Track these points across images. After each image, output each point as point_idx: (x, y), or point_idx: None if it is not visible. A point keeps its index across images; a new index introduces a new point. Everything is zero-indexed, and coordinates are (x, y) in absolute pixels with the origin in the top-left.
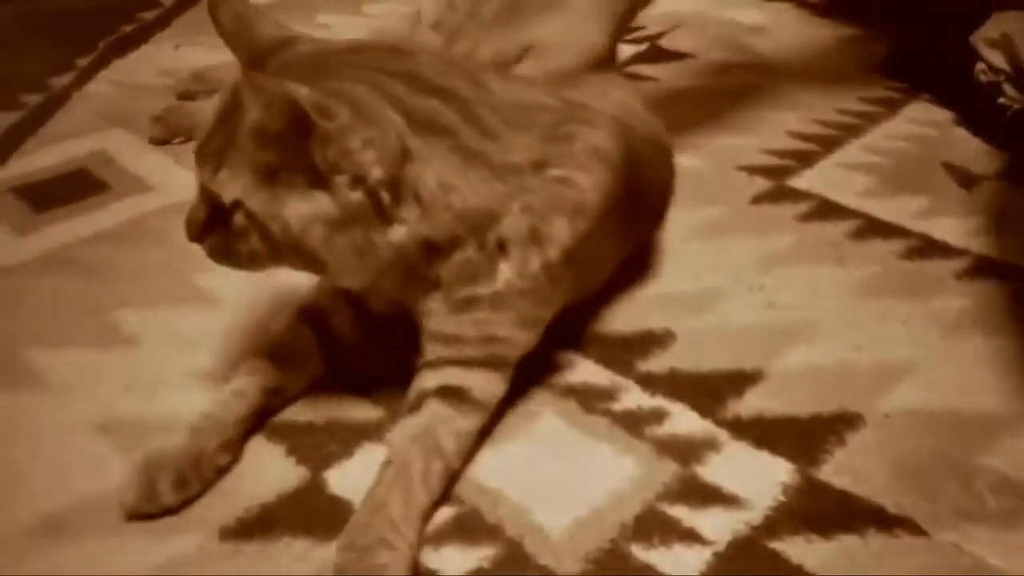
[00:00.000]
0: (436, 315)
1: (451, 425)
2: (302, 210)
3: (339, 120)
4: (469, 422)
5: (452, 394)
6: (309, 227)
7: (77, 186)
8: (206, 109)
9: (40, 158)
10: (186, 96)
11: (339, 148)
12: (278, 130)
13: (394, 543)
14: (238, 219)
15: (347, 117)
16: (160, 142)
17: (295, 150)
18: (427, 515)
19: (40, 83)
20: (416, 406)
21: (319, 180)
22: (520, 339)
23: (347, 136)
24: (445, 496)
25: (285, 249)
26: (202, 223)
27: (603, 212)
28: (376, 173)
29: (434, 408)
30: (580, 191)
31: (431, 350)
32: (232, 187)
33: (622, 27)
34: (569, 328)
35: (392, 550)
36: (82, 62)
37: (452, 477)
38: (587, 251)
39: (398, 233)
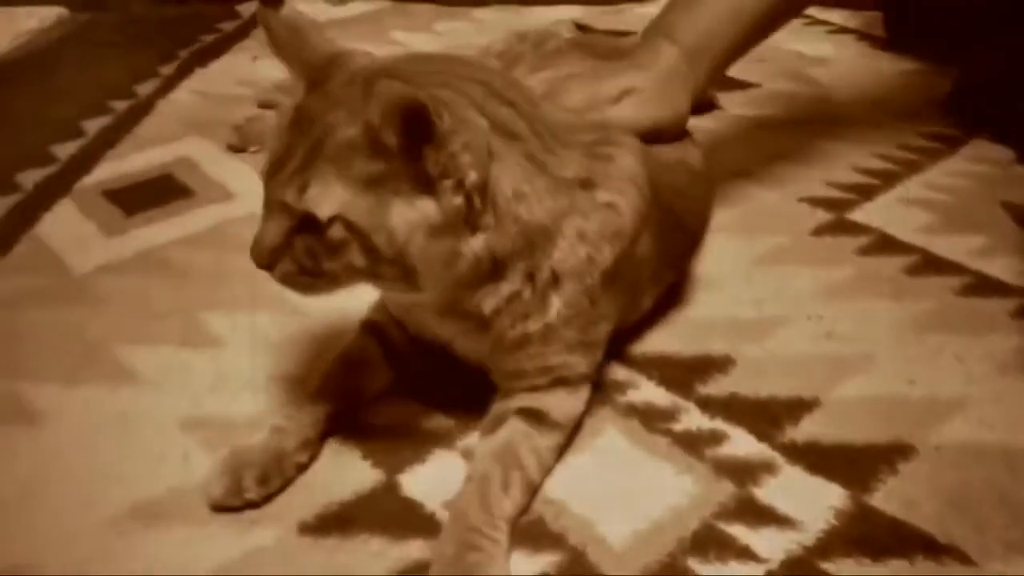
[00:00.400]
0: (492, 357)
1: (531, 442)
2: (409, 217)
3: (447, 123)
4: (548, 440)
5: (531, 415)
6: (414, 235)
7: (163, 191)
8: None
9: (128, 163)
10: (267, 106)
11: (447, 151)
12: (396, 134)
13: (480, 545)
14: (335, 233)
15: (450, 120)
16: (237, 150)
17: (408, 155)
18: (512, 522)
19: (127, 90)
20: (496, 425)
21: (425, 186)
22: (575, 361)
23: (452, 139)
24: (526, 508)
25: (385, 260)
26: (276, 248)
27: (637, 234)
28: (472, 176)
29: (514, 425)
30: (621, 215)
31: (500, 383)
32: (328, 202)
33: (698, 96)
34: (628, 349)
35: (479, 551)
36: (165, 70)
37: (533, 490)
38: (624, 272)
39: (478, 242)
